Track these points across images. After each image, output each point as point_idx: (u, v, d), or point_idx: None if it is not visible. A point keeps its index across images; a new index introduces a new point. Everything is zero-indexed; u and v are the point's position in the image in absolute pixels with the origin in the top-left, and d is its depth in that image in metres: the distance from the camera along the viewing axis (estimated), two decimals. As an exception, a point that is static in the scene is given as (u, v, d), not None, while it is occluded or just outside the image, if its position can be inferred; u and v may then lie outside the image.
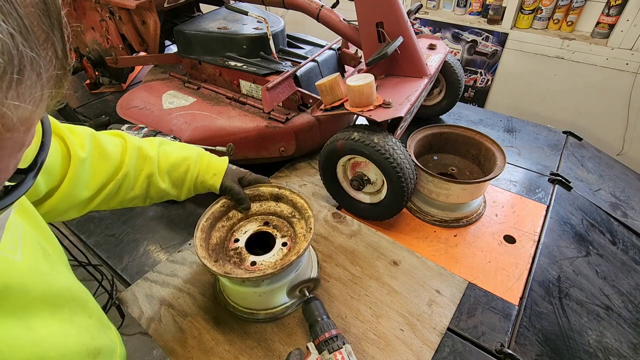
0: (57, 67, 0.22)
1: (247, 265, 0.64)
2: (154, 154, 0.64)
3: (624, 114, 1.73)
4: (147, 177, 0.64)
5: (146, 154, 0.64)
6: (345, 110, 0.77)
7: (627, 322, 0.72)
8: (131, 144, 0.62)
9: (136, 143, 0.63)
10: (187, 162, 0.68)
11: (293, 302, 0.70)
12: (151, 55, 1.20)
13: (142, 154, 0.63)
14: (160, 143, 0.68)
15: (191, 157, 0.68)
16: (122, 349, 0.54)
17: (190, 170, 0.68)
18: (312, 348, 0.58)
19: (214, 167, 0.70)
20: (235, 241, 0.69)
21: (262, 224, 0.72)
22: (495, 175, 0.80)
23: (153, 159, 0.64)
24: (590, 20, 1.73)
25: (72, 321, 0.41)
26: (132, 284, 0.77)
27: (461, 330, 0.68)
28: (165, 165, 0.66)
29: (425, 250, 0.82)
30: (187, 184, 0.69)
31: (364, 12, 0.85)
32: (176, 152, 0.68)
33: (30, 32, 0.19)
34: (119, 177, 0.60)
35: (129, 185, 0.62)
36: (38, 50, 0.19)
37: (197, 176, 0.69)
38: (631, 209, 1.00)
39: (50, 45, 0.21)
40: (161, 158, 0.66)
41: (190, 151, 0.70)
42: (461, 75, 1.12)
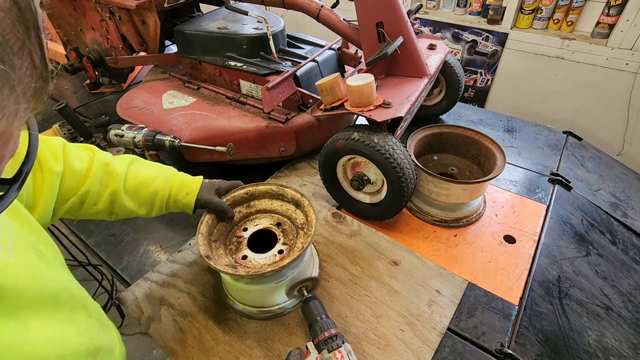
0: (35, 79, 0.20)
1: (238, 257, 0.66)
2: (122, 172, 0.63)
3: (624, 114, 1.73)
4: (110, 194, 0.62)
5: (113, 170, 0.62)
6: (345, 110, 0.77)
7: (627, 322, 0.72)
8: (98, 160, 0.61)
9: (104, 159, 0.62)
10: (157, 182, 0.66)
11: (293, 301, 0.70)
12: (151, 55, 1.20)
13: (108, 170, 0.62)
14: (131, 161, 0.66)
15: (161, 176, 0.67)
16: (122, 347, 0.54)
17: (160, 190, 0.66)
18: (312, 347, 0.58)
19: (187, 186, 0.68)
20: (244, 230, 0.70)
21: (264, 221, 0.73)
22: (495, 175, 0.80)
23: (120, 176, 0.63)
24: (590, 20, 1.73)
25: (71, 321, 0.41)
26: (132, 284, 0.77)
27: (461, 330, 0.68)
28: (132, 183, 0.64)
29: (425, 250, 0.82)
30: (157, 203, 0.67)
31: (364, 12, 0.85)
32: (146, 171, 0.66)
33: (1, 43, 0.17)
34: (81, 192, 0.59)
35: (92, 200, 0.61)
36: (11, 61, 0.18)
37: (168, 195, 0.67)
38: (631, 209, 1.00)
39: (27, 54, 0.19)
40: (129, 176, 0.64)
41: (162, 171, 0.68)
42: (461, 75, 1.12)
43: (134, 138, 0.91)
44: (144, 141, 0.90)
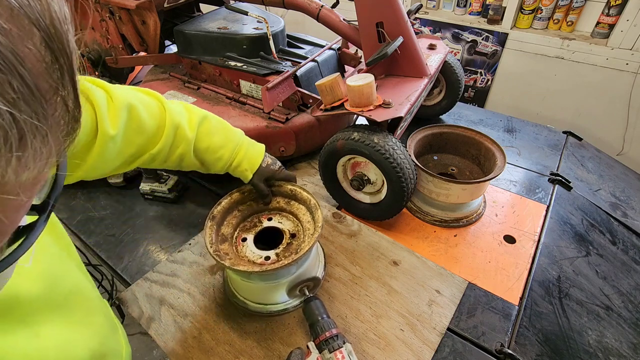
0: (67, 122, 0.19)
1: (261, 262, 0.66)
2: (192, 136, 0.63)
3: (624, 114, 1.73)
4: (180, 155, 0.63)
5: (184, 134, 0.62)
6: (345, 110, 0.77)
7: (627, 322, 0.72)
8: (170, 121, 0.60)
9: (176, 120, 0.61)
10: (222, 152, 0.67)
11: (295, 300, 0.71)
12: (151, 55, 1.19)
13: (179, 134, 0.62)
14: (201, 121, 0.65)
15: (228, 147, 0.67)
16: (128, 348, 0.54)
17: (224, 159, 0.67)
18: (313, 347, 0.58)
19: (248, 161, 0.69)
20: (242, 240, 0.70)
21: (267, 219, 0.74)
22: (495, 175, 0.80)
23: (189, 140, 0.63)
24: (590, 20, 1.73)
25: (85, 323, 0.41)
26: (132, 284, 0.77)
27: (461, 330, 0.68)
28: (200, 147, 0.65)
29: (425, 250, 0.82)
30: (217, 168, 0.69)
31: (364, 12, 0.85)
32: (215, 136, 0.66)
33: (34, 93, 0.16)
34: (153, 152, 0.59)
35: (162, 159, 0.62)
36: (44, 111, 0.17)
37: (229, 165, 0.69)
38: (631, 209, 1.00)
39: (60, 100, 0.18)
40: (198, 140, 0.64)
41: (230, 138, 0.68)
42: (461, 75, 1.12)
43: (134, 138, 0.91)
44: (144, 141, 0.90)
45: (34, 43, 0.16)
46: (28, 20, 0.15)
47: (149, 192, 0.98)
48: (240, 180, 0.72)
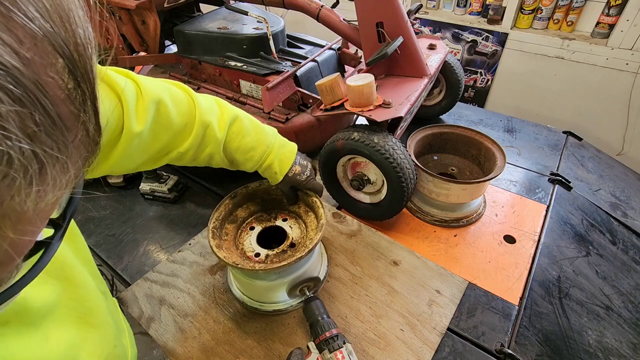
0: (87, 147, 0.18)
1: (251, 256, 0.67)
2: (221, 137, 0.60)
3: (624, 114, 1.73)
4: (209, 155, 0.61)
5: (213, 135, 0.59)
6: (345, 110, 0.77)
7: (627, 322, 0.72)
8: (200, 119, 0.58)
9: (206, 119, 0.58)
10: (252, 153, 0.65)
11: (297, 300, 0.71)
12: (151, 55, 1.19)
13: (208, 134, 0.59)
14: (232, 121, 0.62)
15: (258, 149, 0.65)
16: (134, 350, 0.54)
17: (254, 160, 0.65)
18: (313, 347, 0.58)
19: (279, 164, 0.67)
20: (245, 240, 0.71)
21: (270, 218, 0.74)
22: (495, 175, 0.80)
23: (219, 141, 0.60)
24: (590, 20, 1.73)
25: (93, 328, 0.41)
26: (132, 284, 0.77)
27: (461, 330, 0.68)
28: (230, 147, 0.63)
29: (425, 250, 0.82)
30: (246, 168, 0.67)
31: (364, 12, 0.85)
32: (246, 137, 0.64)
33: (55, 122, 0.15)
34: (181, 150, 0.57)
35: (191, 157, 0.60)
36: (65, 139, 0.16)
37: (258, 167, 0.67)
38: (631, 209, 1.00)
39: (81, 126, 0.17)
40: (228, 141, 0.62)
41: (261, 140, 0.65)
42: (461, 75, 1.12)
43: (134, 138, 0.91)
44: (144, 141, 0.90)
45: (57, 71, 0.15)
46: (52, 47, 0.15)
47: (149, 192, 0.98)
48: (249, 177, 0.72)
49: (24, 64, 0.13)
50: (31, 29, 0.14)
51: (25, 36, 0.14)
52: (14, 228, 0.16)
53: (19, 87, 0.13)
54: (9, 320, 0.31)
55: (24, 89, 0.13)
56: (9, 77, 0.13)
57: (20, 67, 0.13)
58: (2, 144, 0.13)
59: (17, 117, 0.13)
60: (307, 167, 0.71)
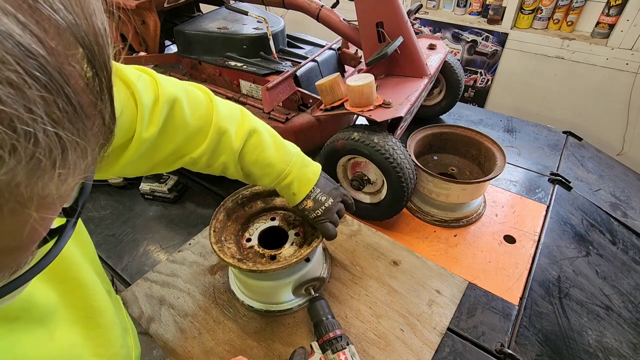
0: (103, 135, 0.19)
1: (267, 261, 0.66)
2: (237, 146, 0.57)
3: (624, 114, 1.73)
4: (223, 164, 0.58)
5: (229, 143, 0.56)
6: (345, 110, 0.77)
7: (627, 322, 0.72)
8: (216, 125, 0.55)
9: (223, 125, 0.55)
10: (270, 169, 0.60)
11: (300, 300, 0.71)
12: (151, 55, 1.19)
13: (224, 142, 0.56)
14: (251, 132, 0.59)
15: (277, 166, 0.60)
16: (138, 349, 0.53)
17: (271, 176, 0.60)
18: (316, 347, 0.58)
19: (296, 187, 0.62)
20: (247, 241, 0.71)
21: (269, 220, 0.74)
22: (495, 175, 0.80)
23: (234, 150, 0.57)
24: (590, 20, 1.73)
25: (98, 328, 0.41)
26: (132, 283, 0.77)
27: (461, 330, 0.68)
28: (246, 161, 0.59)
29: (425, 250, 0.82)
30: (263, 184, 0.63)
31: (364, 12, 0.85)
32: (264, 152, 0.59)
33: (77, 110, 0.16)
34: (194, 155, 0.54)
35: (205, 163, 0.57)
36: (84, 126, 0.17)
37: (275, 185, 0.62)
38: (631, 209, 1.00)
39: (98, 114, 0.18)
40: (245, 152, 0.58)
41: (282, 156, 0.61)
42: (461, 75, 1.12)
43: (134, 138, 0.91)
44: (144, 141, 0.90)
45: (78, 60, 0.16)
46: (74, 37, 0.16)
47: (149, 192, 0.98)
48: None
49: (49, 52, 0.14)
50: (55, 20, 0.15)
51: (50, 26, 0.14)
52: (37, 211, 0.17)
53: (44, 75, 0.14)
54: (18, 316, 0.31)
55: (49, 77, 0.14)
56: (37, 64, 0.14)
57: (46, 56, 0.14)
58: (31, 126, 0.14)
59: (43, 102, 0.14)
60: (323, 206, 0.63)
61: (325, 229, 0.63)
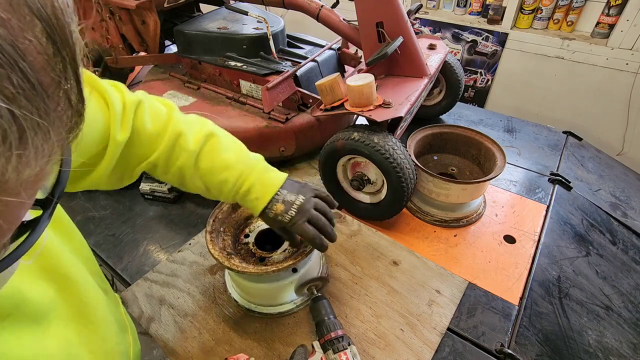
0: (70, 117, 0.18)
1: (255, 261, 0.66)
2: (194, 149, 0.54)
3: (624, 114, 1.73)
4: (179, 169, 0.55)
5: (185, 145, 0.54)
6: (345, 110, 0.77)
7: (627, 322, 0.72)
8: (173, 128, 0.54)
9: (178, 129, 0.54)
10: (228, 173, 0.56)
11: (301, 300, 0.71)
12: (151, 55, 1.19)
13: (180, 144, 0.54)
14: (208, 136, 0.56)
15: (236, 168, 0.56)
16: (136, 346, 0.53)
17: (230, 182, 0.56)
18: (317, 347, 0.58)
19: (261, 188, 0.56)
20: (245, 237, 0.70)
21: None
22: (495, 175, 0.80)
23: (191, 154, 0.55)
24: (590, 20, 1.73)
25: (93, 324, 0.41)
26: (132, 283, 0.77)
27: (461, 330, 0.68)
28: (204, 165, 0.56)
29: (425, 250, 0.82)
30: (224, 194, 0.58)
31: (364, 12, 0.85)
32: (223, 154, 0.56)
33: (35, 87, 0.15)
34: (150, 159, 0.53)
35: (162, 169, 0.56)
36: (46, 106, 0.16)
37: (236, 192, 0.57)
38: (631, 209, 1.00)
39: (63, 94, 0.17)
40: (202, 156, 0.56)
41: (242, 158, 0.57)
42: (461, 75, 1.12)
43: (134, 138, 0.91)
44: (144, 141, 0.90)
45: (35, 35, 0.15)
46: (29, 10, 0.15)
47: (149, 192, 0.98)
48: None
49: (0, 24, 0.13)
50: None
51: None
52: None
53: None
54: (10, 314, 0.31)
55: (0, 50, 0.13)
56: None
57: None
58: None
59: None
60: (294, 204, 0.56)
61: (306, 232, 0.56)
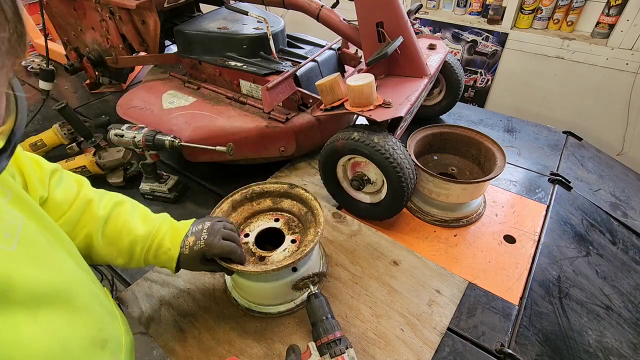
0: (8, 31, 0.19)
1: (255, 260, 0.66)
2: (103, 215, 0.57)
3: (624, 114, 1.73)
4: (85, 237, 0.56)
5: (94, 212, 0.56)
6: (345, 110, 0.77)
7: (627, 322, 0.72)
8: (83, 196, 0.57)
9: (88, 196, 0.57)
10: (139, 231, 0.58)
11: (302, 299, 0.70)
12: (151, 55, 1.19)
13: (88, 210, 0.57)
14: (118, 203, 0.59)
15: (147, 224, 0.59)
16: (128, 337, 0.54)
17: (140, 240, 0.58)
18: (314, 349, 0.56)
19: (170, 239, 0.59)
20: (245, 236, 0.71)
21: (272, 220, 0.74)
22: (495, 175, 0.80)
23: (99, 219, 0.56)
24: (590, 20, 1.73)
25: (83, 310, 0.41)
26: (132, 283, 0.77)
27: (461, 330, 0.68)
28: (112, 228, 0.57)
29: (425, 250, 0.82)
30: (136, 255, 0.59)
31: (364, 12, 0.85)
32: (131, 216, 0.59)
33: None
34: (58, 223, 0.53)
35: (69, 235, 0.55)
36: None
37: (148, 248, 0.59)
38: (631, 209, 1.00)
39: None
40: (111, 220, 0.58)
41: (150, 218, 0.61)
42: (461, 75, 1.12)
43: (134, 138, 0.91)
44: (144, 141, 0.90)
45: None
46: None
47: (149, 192, 0.98)
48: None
49: None
50: None
51: None
52: None
53: None
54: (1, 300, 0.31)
55: None
56: None
57: None
58: None
59: None
60: (203, 230, 0.59)
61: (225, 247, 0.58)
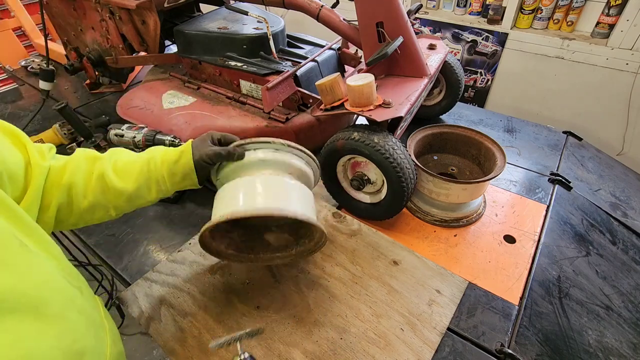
0: None
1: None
2: (106, 155, 0.60)
3: (624, 114, 1.73)
4: (98, 179, 0.57)
5: (95, 156, 0.59)
6: (345, 110, 0.77)
7: (627, 322, 0.72)
8: (76, 154, 0.59)
9: (82, 154, 0.59)
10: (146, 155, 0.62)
11: None
12: (151, 55, 1.20)
13: (90, 157, 0.59)
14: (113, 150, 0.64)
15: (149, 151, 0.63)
16: (116, 348, 0.51)
17: (153, 157, 0.61)
18: None
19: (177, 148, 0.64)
20: None
21: None
22: (495, 175, 0.80)
23: (104, 159, 0.59)
24: (590, 20, 1.73)
25: (57, 318, 0.39)
26: (132, 283, 0.77)
27: (461, 330, 0.68)
28: (120, 163, 0.60)
29: (425, 250, 0.82)
30: (153, 174, 0.61)
31: (364, 12, 0.85)
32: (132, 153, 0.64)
33: None
34: (63, 182, 0.55)
35: (79, 192, 0.56)
36: None
37: (161, 161, 0.61)
38: (631, 209, 1.00)
39: None
40: (115, 157, 0.61)
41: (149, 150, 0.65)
42: (461, 75, 1.12)
43: (134, 138, 0.91)
44: (144, 141, 0.90)
45: None
46: None
47: (149, 192, 0.98)
48: None
49: None
50: None
51: None
52: None
53: None
54: None
55: None
56: None
57: None
58: None
59: None
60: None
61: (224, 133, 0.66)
